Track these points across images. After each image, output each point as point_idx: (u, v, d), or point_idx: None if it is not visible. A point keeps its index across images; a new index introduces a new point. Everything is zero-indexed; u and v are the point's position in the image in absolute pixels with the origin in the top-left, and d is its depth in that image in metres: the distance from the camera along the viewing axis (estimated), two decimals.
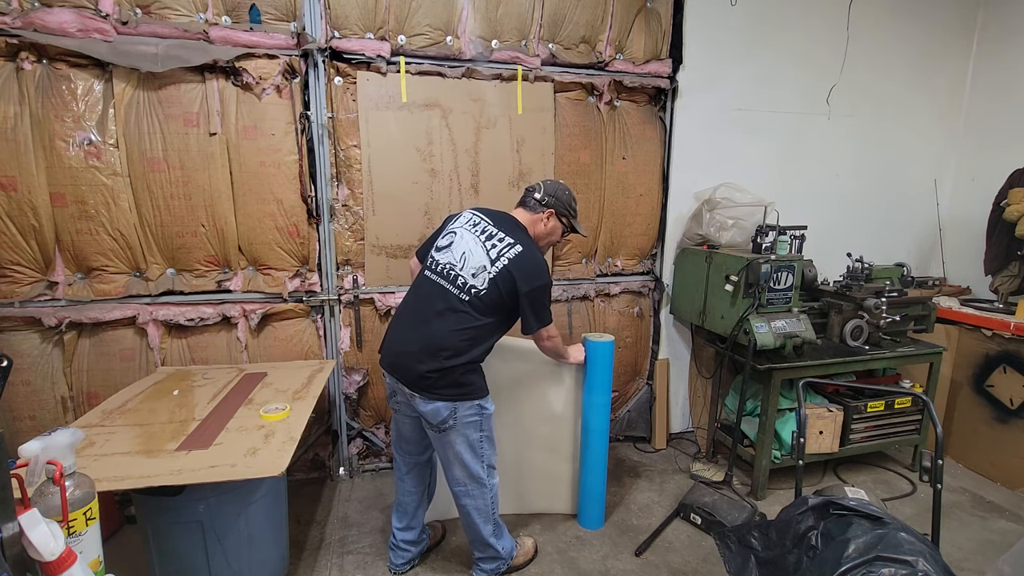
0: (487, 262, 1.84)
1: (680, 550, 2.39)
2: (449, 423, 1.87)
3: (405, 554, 2.19)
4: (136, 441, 1.77)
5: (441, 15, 2.64)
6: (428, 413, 1.87)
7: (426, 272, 1.95)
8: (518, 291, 1.84)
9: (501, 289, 1.83)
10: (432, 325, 1.85)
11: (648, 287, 3.31)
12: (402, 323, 1.96)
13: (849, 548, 1.33)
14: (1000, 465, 2.96)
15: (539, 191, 2.00)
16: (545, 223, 2.01)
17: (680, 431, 3.51)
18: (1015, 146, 3.34)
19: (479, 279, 1.83)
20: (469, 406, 1.89)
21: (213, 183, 2.49)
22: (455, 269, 1.87)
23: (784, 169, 3.37)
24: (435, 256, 1.95)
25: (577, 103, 2.96)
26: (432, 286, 1.90)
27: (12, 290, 2.37)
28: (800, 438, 1.88)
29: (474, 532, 2.06)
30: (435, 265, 1.93)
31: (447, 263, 1.89)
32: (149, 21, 2.31)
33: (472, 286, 1.83)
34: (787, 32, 3.20)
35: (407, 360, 1.87)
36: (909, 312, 2.94)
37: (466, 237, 1.91)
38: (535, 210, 2.01)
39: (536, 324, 1.93)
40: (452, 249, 1.90)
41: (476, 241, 1.89)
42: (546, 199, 1.99)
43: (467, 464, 1.95)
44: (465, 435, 1.91)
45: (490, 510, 2.04)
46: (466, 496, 2.00)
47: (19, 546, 0.99)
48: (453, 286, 1.85)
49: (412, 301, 1.98)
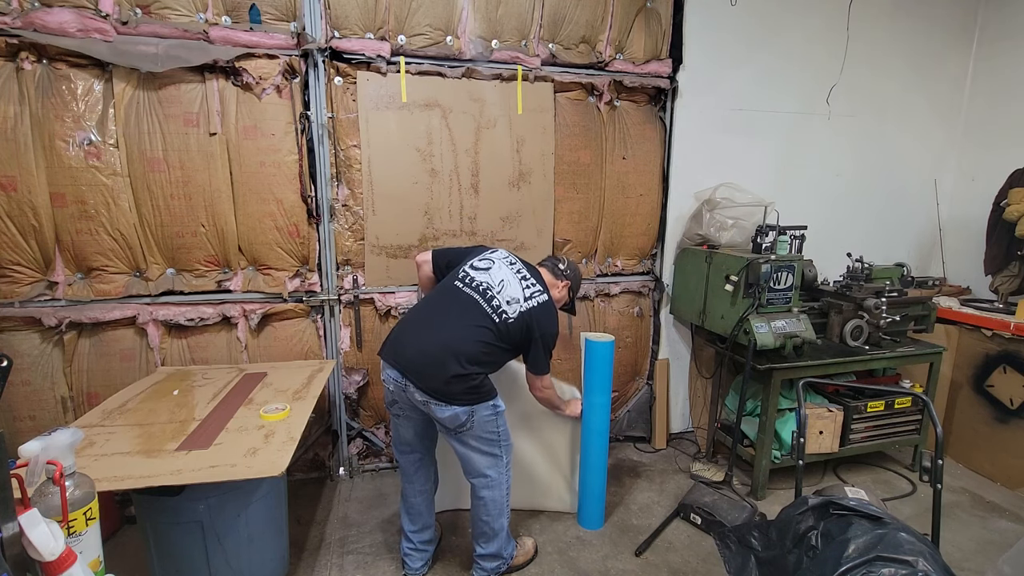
0: (521, 297, 1.99)
1: (680, 550, 2.39)
2: (468, 425, 1.92)
3: (424, 555, 2.20)
4: (136, 441, 1.77)
5: (441, 15, 2.64)
6: (446, 419, 1.90)
7: (456, 283, 2.03)
8: (533, 334, 1.99)
9: (523, 325, 1.98)
10: (458, 332, 1.91)
11: (648, 287, 3.31)
12: (422, 326, 1.97)
13: (849, 548, 1.33)
14: (1000, 465, 2.96)
15: (563, 263, 2.25)
16: (560, 290, 2.22)
17: (680, 431, 3.51)
18: (1015, 146, 3.34)
19: (512, 308, 1.97)
20: (485, 407, 1.93)
21: (213, 183, 2.49)
22: (492, 291, 1.98)
23: (784, 169, 3.37)
24: (471, 273, 2.04)
25: (577, 103, 2.96)
26: (465, 298, 1.98)
27: (12, 290, 2.37)
28: (800, 438, 1.88)
29: (485, 525, 2.07)
30: (470, 281, 2.02)
31: (485, 283, 2.00)
32: (149, 21, 2.31)
33: (504, 311, 1.96)
34: (787, 32, 3.20)
35: (427, 363, 1.87)
36: (909, 312, 2.94)
37: (504, 269, 2.06)
38: (558, 276, 2.22)
39: (542, 368, 2.08)
40: (491, 273, 2.03)
41: (514, 276, 2.04)
42: (567, 271, 2.24)
43: (486, 458, 2.01)
44: (482, 433, 1.96)
45: (505, 502, 2.09)
46: (485, 488, 2.03)
47: (19, 546, 0.99)
48: (488, 305, 1.95)
49: (436, 306, 2.01)
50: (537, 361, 2.05)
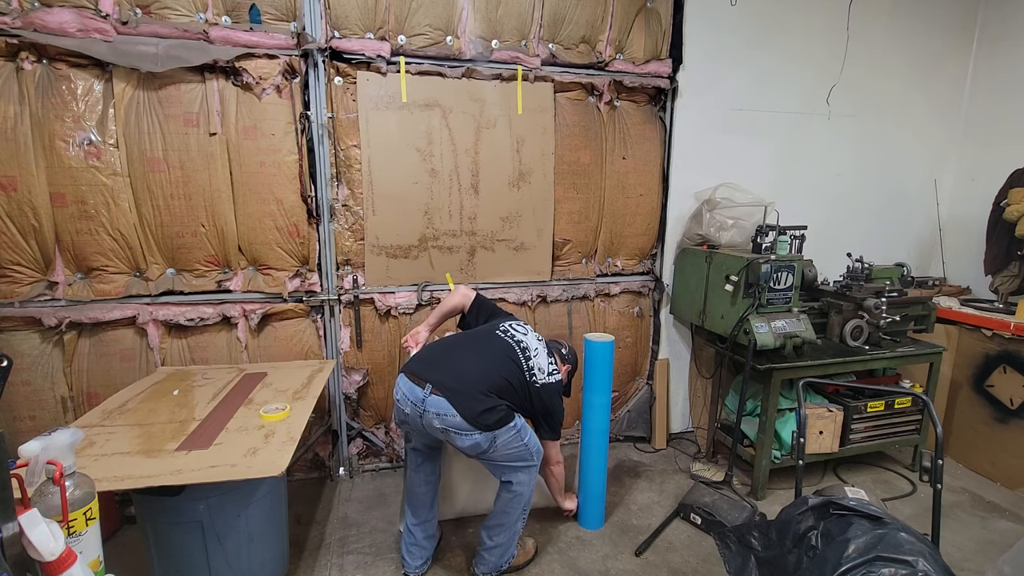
0: (547, 371, 2.13)
1: (680, 550, 2.39)
2: (491, 450, 1.95)
3: (423, 552, 2.20)
4: (136, 441, 1.77)
5: (441, 15, 2.64)
6: (467, 448, 1.94)
7: (499, 332, 2.14)
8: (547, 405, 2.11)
9: (541, 395, 2.09)
10: (496, 366, 2.01)
11: (648, 287, 3.31)
12: (463, 351, 2.07)
13: (849, 548, 1.33)
14: (1000, 465, 2.96)
15: (565, 348, 2.38)
16: (562, 373, 2.29)
17: (680, 431, 3.51)
18: (1015, 146, 3.33)
19: (538, 376, 2.09)
20: (506, 430, 1.96)
21: (213, 183, 2.49)
22: (528, 352, 2.10)
23: (784, 169, 3.37)
24: (512, 331, 2.15)
25: (577, 103, 2.96)
26: (507, 345, 2.09)
27: (12, 290, 2.37)
28: (800, 438, 1.88)
29: (505, 516, 2.09)
30: (512, 336, 2.13)
31: (524, 343, 2.12)
32: (149, 21, 2.31)
33: (535, 375, 2.08)
34: (787, 32, 3.20)
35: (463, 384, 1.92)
36: (909, 312, 2.94)
37: (536, 342, 2.17)
38: (564, 361, 2.34)
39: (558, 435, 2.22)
40: (528, 339, 2.15)
41: (544, 351, 2.16)
42: (569, 356, 2.37)
43: (516, 467, 2.05)
44: (508, 451, 2.00)
45: (528, 500, 2.13)
46: (518, 484, 2.07)
47: (19, 546, 1.00)
48: (524, 361, 2.08)
49: (479, 342, 2.12)
50: (550, 427, 2.16)
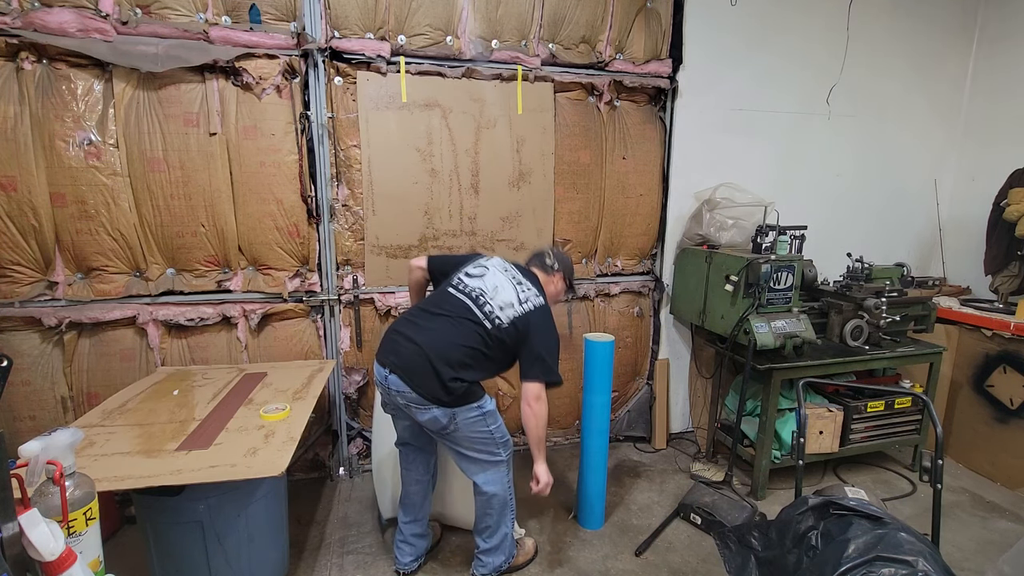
0: (516, 302, 1.97)
1: (680, 550, 2.39)
2: (450, 428, 1.90)
3: (413, 550, 2.20)
4: (136, 441, 1.77)
5: (441, 15, 2.64)
6: (427, 422, 1.90)
7: (450, 289, 2.02)
8: (529, 338, 1.95)
9: (518, 330, 1.95)
10: (446, 336, 1.90)
11: (648, 287, 3.31)
12: (413, 329, 1.96)
13: (849, 548, 1.33)
14: (1000, 465, 2.96)
15: (549, 257, 2.22)
16: (555, 283, 2.22)
17: (680, 431, 3.51)
18: (1015, 146, 3.33)
19: (505, 314, 1.94)
20: (468, 408, 1.91)
21: (213, 183, 2.49)
22: (485, 296, 1.97)
23: (784, 169, 3.37)
24: (464, 280, 2.04)
25: (577, 103, 2.96)
26: (457, 303, 1.97)
27: (12, 290, 2.37)
28: (800, 438, 1.88)
29: (489, 519, 2.07)
30: (463, 287, 2.01)
31: (478, 288, 1.99)
32: (149, 21, 2.31)
33: (497, 317, 1.94)
34: (787, 32, 3.20)
35: (414, 364, 1.87)
36: (909, 312, 2.94)
37: (499, 276, 2.04)
38: (549, 272, 2.20)
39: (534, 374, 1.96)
40: (485, 279, 2.02)
41: (508, 282, 2.02)
42: (556, 264, 2.21)
43: (481, 457, 2.00)
44: (471, 434, 1.95)
45: (508, 498, 2.08)
46: (487, 485, 2.02)
47: (19, 546, 0.99)
48: (479, 311, 1.94)
49: (427, 310, 2.00)
50: (529, 365, 1.96)
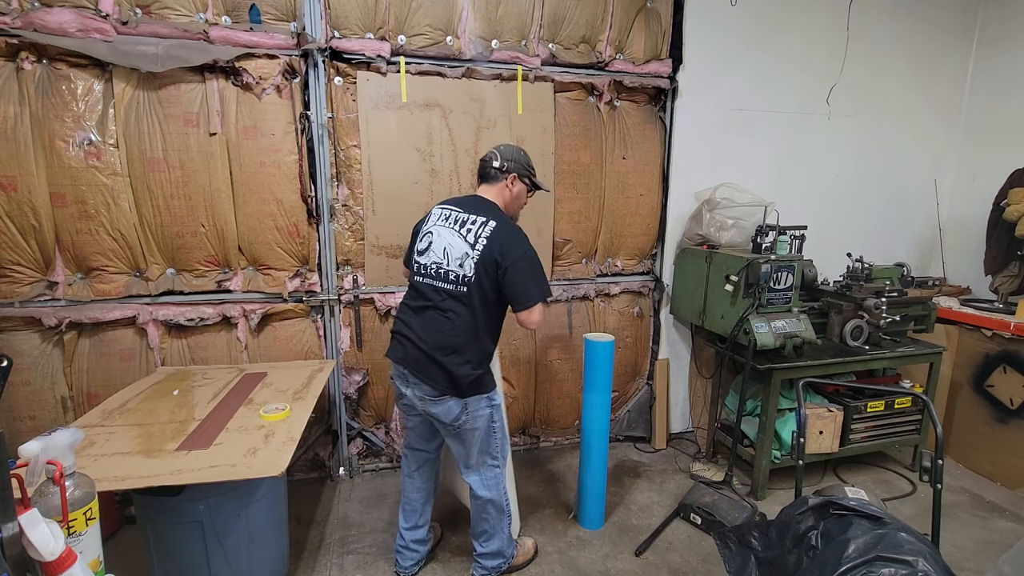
0: (468, 248, 1.83)
1: (680, 550, 2.39)
2: (462, 419, 1.90)
3: (414, 555, 2.20)
4: (136, 441, 1.77)
5: (441, 15, 2.64)
6: (440, 413, 1.89)
7: (416, 278, 1.96)
8: (501, 265, 1.81)
9: (487, 270, 1.82)
10: (435, 325, 1.87)
11: (648, 287, 3.31)
12: (406, 328, 1.95)
13: (849, 548, 1.33)
14: (1000, 465, 2.96)
15: (496, 159, 1.97)
16: (511, 189, 2.00)
17: (680, 431, 3.51)
18: (1015, 146, 3.33)
19: (466, 267, 1.83)
20: (480, 399, 1.91)
21: (213, 183, 2.49)
22: (443, 266, 1.87)
23: (784, 169, 3.37)
24: (419, 260, 1.95)
25: (577, 103, 2.96)
26: (426, 288, 1.91)
27: (12, 290, 2.37)
28: (800, 438, 1.88)
29: (485, 523, 2.07)
30: (422, 268, 1.94)
31: (433, 263, 1.90)
32: (149, 21, 2.31)
33: (463, 275, 1.84)
34: (787, 32, 3.19)
35: (421, 358, 1.88)
36: (909, 312, 2.94)
37: (442, 233, 1.91)
38: (497, 179, 1.98)
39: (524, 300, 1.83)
40: (433, 249, 1.91)
41: (452, 232, 1.89)
42: (505, 165, 1.97)
43: (482, 455, 1.99)
44: (477, 428, 1.95)
45: (504, 500, 2.08)
46: (483, 488, 2.02)
47: (19, 546, 0.99)
48: (446, 283, 1.87)
49: (410, 306, 1.99)
50: (516, 295, 1.83)
